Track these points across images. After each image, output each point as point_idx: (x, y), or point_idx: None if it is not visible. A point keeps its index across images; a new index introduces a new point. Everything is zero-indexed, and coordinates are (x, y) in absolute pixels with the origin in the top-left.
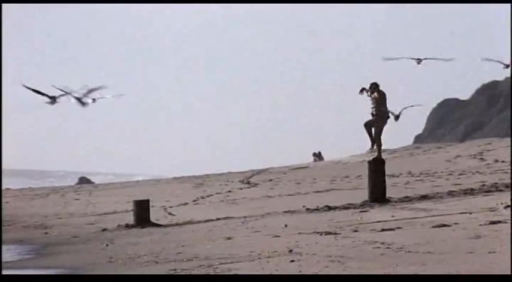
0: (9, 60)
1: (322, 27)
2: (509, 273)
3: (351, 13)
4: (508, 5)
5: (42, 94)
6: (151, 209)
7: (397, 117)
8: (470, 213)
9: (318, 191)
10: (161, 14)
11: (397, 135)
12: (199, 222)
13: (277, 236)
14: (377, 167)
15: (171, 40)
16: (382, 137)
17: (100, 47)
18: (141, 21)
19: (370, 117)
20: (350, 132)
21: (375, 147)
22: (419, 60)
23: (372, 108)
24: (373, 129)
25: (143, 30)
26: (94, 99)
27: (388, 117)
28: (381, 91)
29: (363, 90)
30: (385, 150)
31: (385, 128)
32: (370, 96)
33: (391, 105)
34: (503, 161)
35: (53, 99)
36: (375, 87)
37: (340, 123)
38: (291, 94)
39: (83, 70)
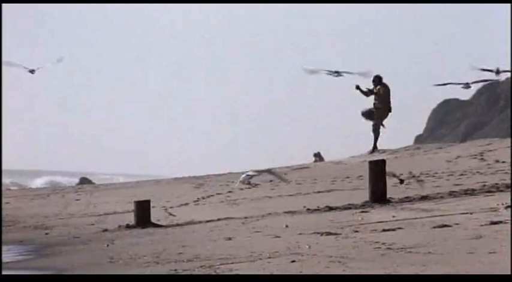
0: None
1: (322, 27)
2: (509, 273)
3: (351, 13)
4: (508, 5)
5: None
6: (152, 209)
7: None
8: (471, 213)
9: (318, 192)
10: (161, 13)
11: (397, 136)
12: (200, 222)
13: (278, 237)
14: (378, 168)
15: (172, 39)
16: (382, 138)
17: (99, 46)
18: (139, 20)
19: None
20: (351, 132)
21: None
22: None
23: (376, 101)
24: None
25: (142, 29)
26: (33, 70)
27: (391, 111)
28: (386, 85)
29: (358, 88)
30: (385, 151)
31: (385, 129)
32: (374, 89)
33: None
34: (503, 162)
35: None
36: (378, 81)
37: (341, 123)
38: (291, 94)
39: (82, 70)
